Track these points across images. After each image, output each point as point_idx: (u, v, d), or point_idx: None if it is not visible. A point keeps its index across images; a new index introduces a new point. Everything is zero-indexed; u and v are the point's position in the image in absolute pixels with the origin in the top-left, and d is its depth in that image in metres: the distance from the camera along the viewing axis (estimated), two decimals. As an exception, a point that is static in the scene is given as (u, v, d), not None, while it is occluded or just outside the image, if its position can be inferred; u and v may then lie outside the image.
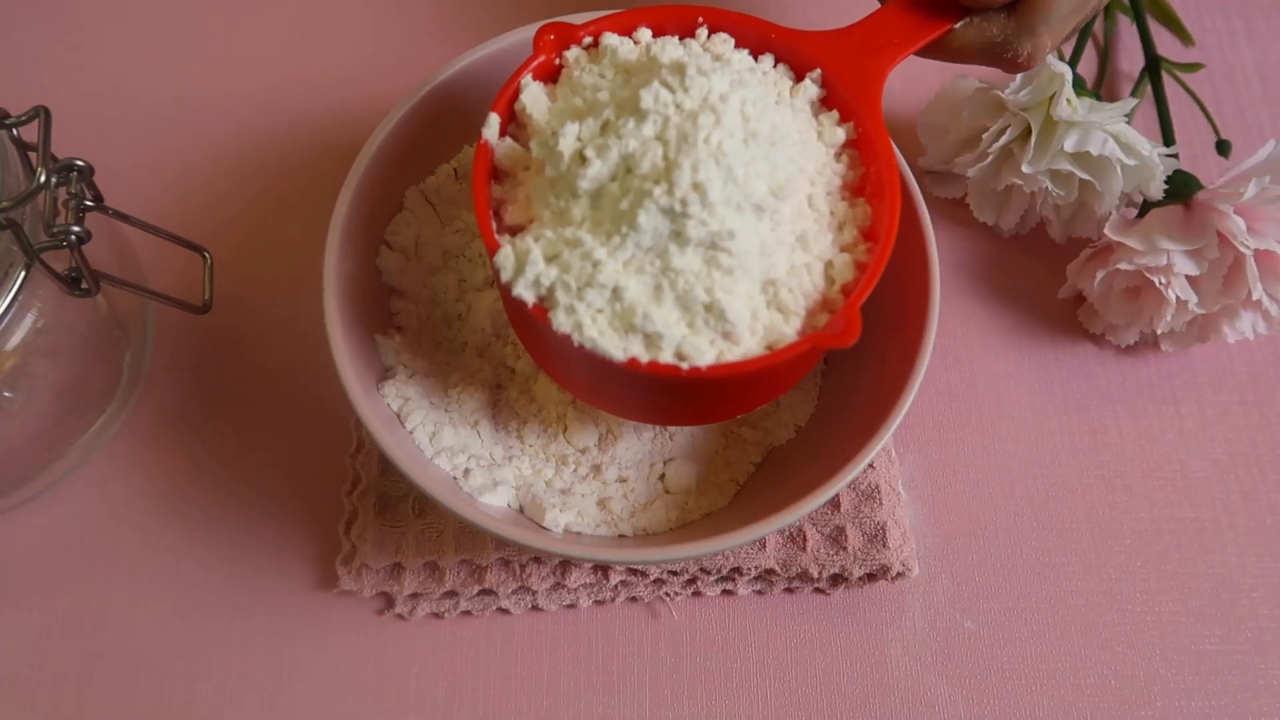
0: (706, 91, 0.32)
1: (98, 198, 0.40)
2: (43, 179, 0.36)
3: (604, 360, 0.32)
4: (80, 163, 0.38)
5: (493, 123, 0.35)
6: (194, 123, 0.53)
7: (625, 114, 0.33)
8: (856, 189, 0.35)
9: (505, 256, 0.33)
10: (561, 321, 0.32)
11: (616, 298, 0.32)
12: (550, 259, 0.32)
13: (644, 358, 0.32)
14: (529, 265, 0.32)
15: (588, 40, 0.36)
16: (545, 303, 0.33)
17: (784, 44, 0.37)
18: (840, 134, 0.35)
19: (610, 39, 0.36)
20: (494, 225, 0.34)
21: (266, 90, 0.54)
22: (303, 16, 0.56)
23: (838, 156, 0.36)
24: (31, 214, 0.37)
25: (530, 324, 0.34)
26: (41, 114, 0.38)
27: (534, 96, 0.35)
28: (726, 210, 0.32)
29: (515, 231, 0.35)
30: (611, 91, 0.34)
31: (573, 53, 0.36)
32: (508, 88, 0.35)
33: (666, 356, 0.32)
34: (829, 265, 0.34)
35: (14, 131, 0.37)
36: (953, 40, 0.37)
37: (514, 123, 0.36)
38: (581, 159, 0.33)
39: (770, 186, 0.32)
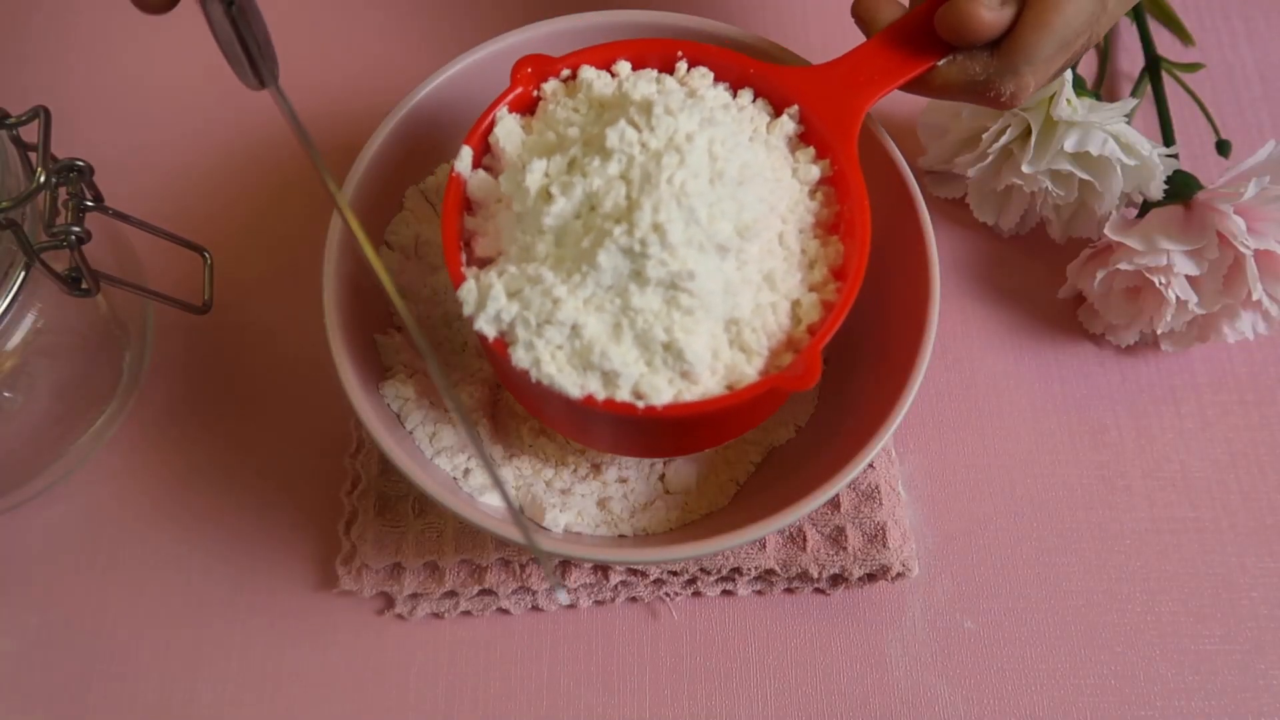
0: (672, 131, 0.32)
1: (98, 198, 0.40)
2: (43, 179, 0.36)
3: (562, 396, 0.32)
4: (80, 163, 0.38)
5: (465, 156, 0.35)
6: (194, 123, 0.53)
7: (592, 152, 0.33)
8: (830, 226, 0.36)
9: (468, 291, 0.33)
10: (520, 357, 0.32)
11: (575, 335, 0.32)
12: (512, 294, 0.33)
13: (600, 395, 0.32)
14: (490, 301, 0.32)
15: (566, 73, 0.36)
16: (506, 338, 0.33)
17: (763, 79, 0.37)
18: (815, 171, 0.36)
19: (587, 73, 0.36)
20: (464, 258, 0.34)
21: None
22: (303, 17, 0.56)
23: (812, 194, 0.36)
24: (31, 214, 0.37)
25: (495, 357, 0.34)
26: (41, 114, 0.38)
27: (507, 130, 0.35)
28: (688, 251, 0.32)
29: (484, 264, 0.35)
30: (583, 127, 0.34)
31: (550, 85, 0.36)
32: (483, 120, 0.36)
33: (623, 395, 0.32)
34: (796, 304, 0.34)
35: (14, 131, 0.37)
36: (935, 77, 0.37)
37: (489, 154, 0.36)
38: (547, 195, 0.33)
39: (736, 226, 0.32)
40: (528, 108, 0.37)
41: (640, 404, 0.32)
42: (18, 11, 0.56)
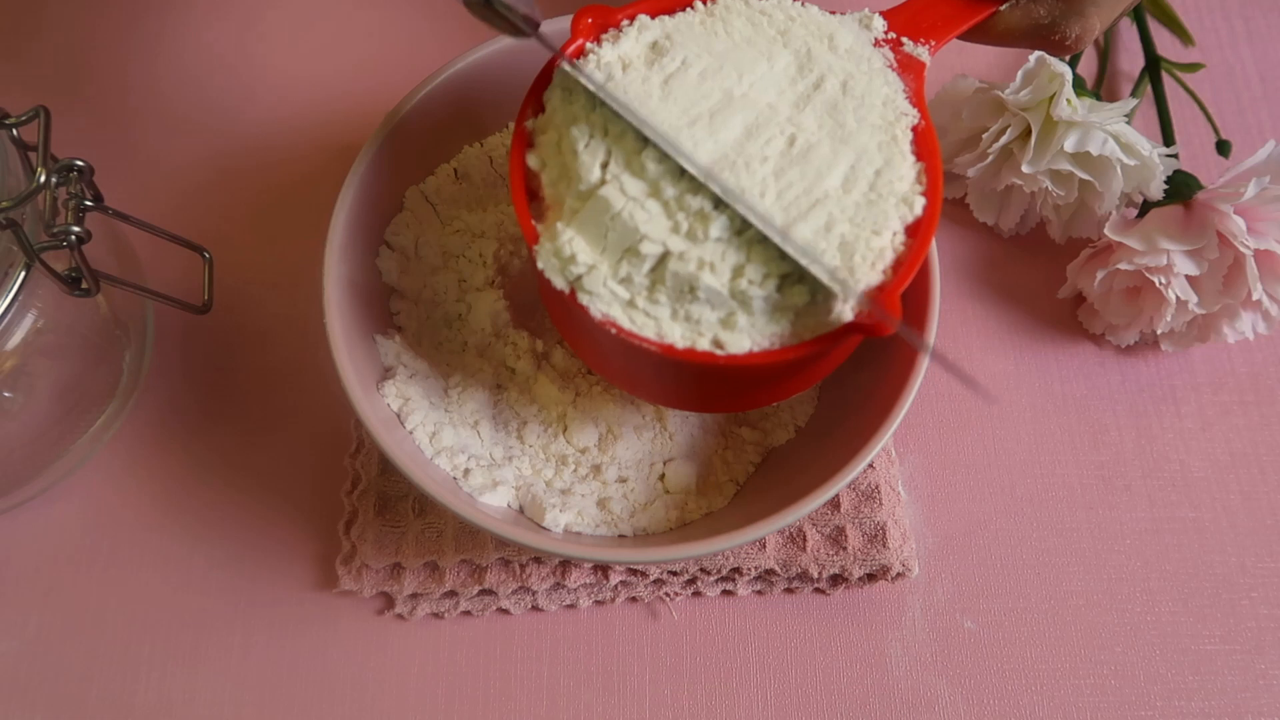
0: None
1: (98, 198, 0.40)
2: (43, 179, 0.36)
3: (638, 347, 0.32)
4: (80, 163, 0.38)
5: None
6: (194, 123, 0.53)
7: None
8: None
9: (544, 251, 0.32)
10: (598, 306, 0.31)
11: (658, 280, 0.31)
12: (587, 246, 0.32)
13: (679, 344, 0.32)
14: (564, 257, 0.32)
15: (625, 24, 0.36)
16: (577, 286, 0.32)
17: None
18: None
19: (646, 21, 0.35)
20: (529, 209, 0.33)
21: (267, 90, 0.54)
22: (303, 17, 0.56)
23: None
24: (31, 214, 0.37)
25: (565, 309, 0.34)
26: (41, 114, 0.38)
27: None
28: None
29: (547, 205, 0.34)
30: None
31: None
32: (544, 73, 0.35)
33: (704, 344, 0.32)
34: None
35: (14, 131, 0.37)
36: (998, 22, 0.36)
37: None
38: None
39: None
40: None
41: (720, 352, 0.31)
42: (18, 11, 0.56)
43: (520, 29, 0.33)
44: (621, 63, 0.34)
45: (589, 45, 0.34)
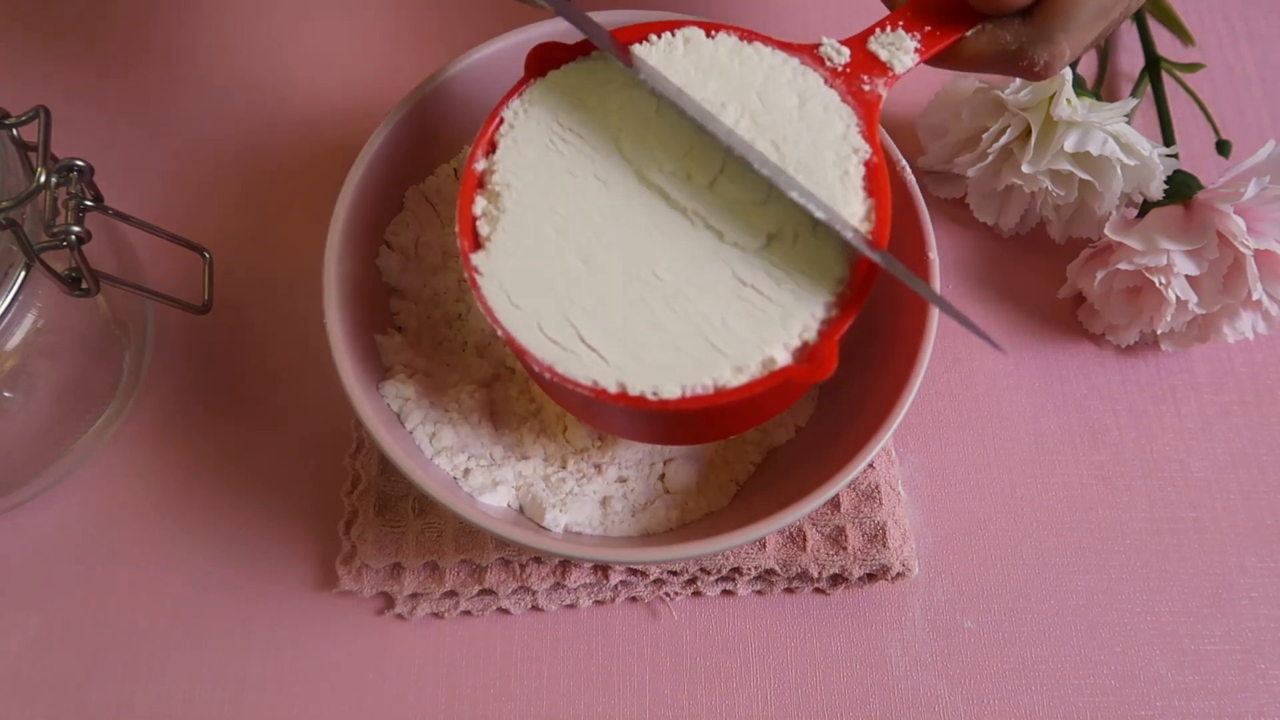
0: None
1: (98, 198, 0.40)
2: (43, 179, 0.36)
3: (574, 389, 0.32)
4: (80, 163, 0.38)
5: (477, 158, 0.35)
6: (194, 123, 0.53)
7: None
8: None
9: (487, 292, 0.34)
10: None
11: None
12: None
13: (612, 388, 0.32)
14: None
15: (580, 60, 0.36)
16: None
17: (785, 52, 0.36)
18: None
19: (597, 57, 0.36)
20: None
21: (266, 90, 0.54)
22: (303, 17, 0.56)
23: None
24: (31, 214, 0.37)
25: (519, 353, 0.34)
26: (41, 114, 0.38)
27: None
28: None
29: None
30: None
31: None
32: (493, 117, 0.36)
33: (636, 388, 0.32)
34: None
35: (14, 131, 0.37)
36: (964, 48, 0.36)
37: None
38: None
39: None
40: None
41: (653, 397, 0.32)
42: (18, 11, 0.56)
43: (546, 5, 0.34)
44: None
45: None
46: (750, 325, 0.32)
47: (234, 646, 0.43)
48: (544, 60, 0.36)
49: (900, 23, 0.36)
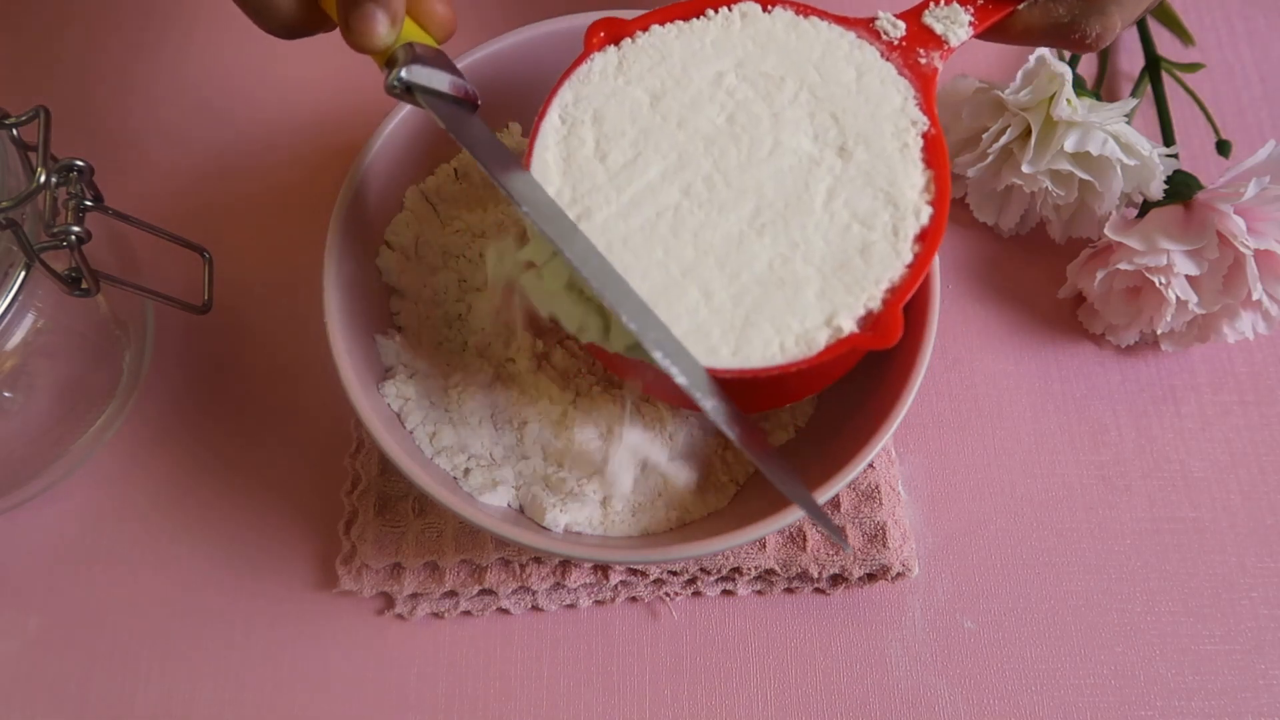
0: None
1: (98, 198, 0.40)
2: (43, 179, 0.36)
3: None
4: (80, 163, 0.38)
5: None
6: (194, 123, 0.53)
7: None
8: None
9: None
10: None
11: None
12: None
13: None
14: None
15: (639, 35, 0.36)
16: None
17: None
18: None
19: (658, 32, 0.36)
20: None
21: (267, 90, 0.54)
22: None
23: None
24: (31, 214, 0.37)
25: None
26: (41, 114, 0.38)
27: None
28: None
29: None
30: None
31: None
32: (556, 89, 0.36)
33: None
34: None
35: (14, 131, 0.37)
36: (1016, 21, 0.36)
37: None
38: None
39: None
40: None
41: (728, 365, 0.32)
42: (18, 12, 0.56)
43: (452, 110, 0.34)
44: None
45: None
46: (817, 295, 0.33)
47: (234, 646, 0.43)
48: (609, 37, 0.36)
49: None
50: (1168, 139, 0.48)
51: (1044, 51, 0.44)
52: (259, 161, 0.52)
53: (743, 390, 0.35)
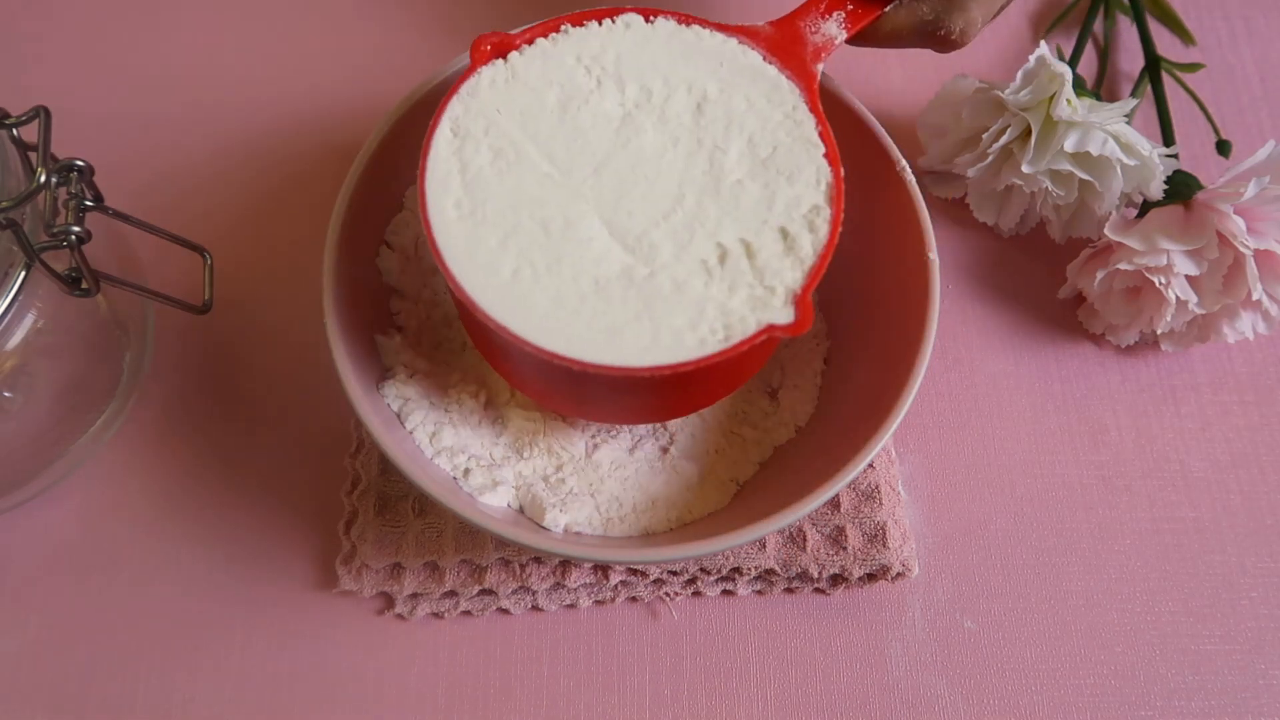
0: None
1: (98, 198, 0.40)
2: (43, 179, 0.36)
3: (548, 361, 0.32)
4: (80, 163, 0.38)
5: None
6: (194, 122, 0.53)
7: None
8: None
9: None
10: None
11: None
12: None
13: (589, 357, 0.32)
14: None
15: (525, 47, 0.37)
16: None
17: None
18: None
19: (543, 44, 0.37)
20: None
21: (266, 90, 0.54)
22: (303, 16, 0.56)
23: None
24: (31, 214, 0.37)
25: (472, 321, 0.35)
26: (41, 114, 0.38)
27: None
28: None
29: None
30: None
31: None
32: (444, 104, 0.36)
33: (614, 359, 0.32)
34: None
35: (14, 131, 0.37)
36: (884, 24, 0.38)
37: None
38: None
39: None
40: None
41: (638, 364, 0.32)
42: (17, 11, 0.56)
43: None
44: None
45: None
46: (729, 286, 0.33)
47: (234, 646, 0.43)
48: (496, 49, 0.37)
49: (824, 3, 0.38)
50: (1168, 139, 0.48)
51: (1044, 51, 0.44)
52: (259, 161, 0.52)
53: (662, 389, 0.35)
